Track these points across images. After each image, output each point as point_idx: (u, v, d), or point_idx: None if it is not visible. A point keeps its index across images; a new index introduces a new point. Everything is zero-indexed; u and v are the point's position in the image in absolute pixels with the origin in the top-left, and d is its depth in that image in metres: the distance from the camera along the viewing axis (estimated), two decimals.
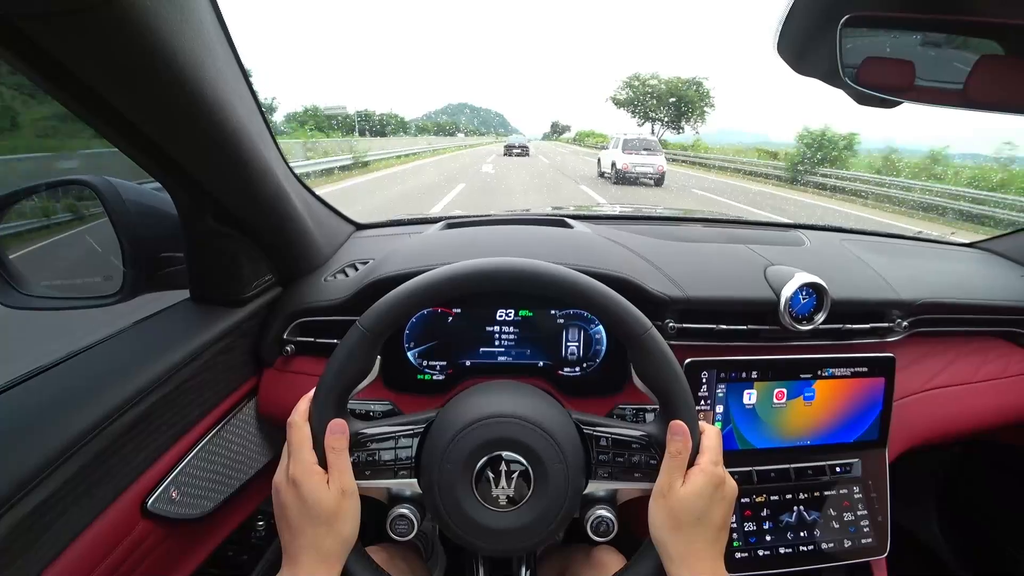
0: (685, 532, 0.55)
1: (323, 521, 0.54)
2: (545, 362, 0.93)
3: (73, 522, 0.59)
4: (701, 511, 0.55)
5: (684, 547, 0.55)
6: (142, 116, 0.53)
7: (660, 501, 0.56)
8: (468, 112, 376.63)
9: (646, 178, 15.05)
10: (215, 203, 0.70)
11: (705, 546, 0.55)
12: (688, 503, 0.55)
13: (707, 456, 0.58)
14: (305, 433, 0.57)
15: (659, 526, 0.56)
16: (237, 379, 0.86)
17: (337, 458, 0.56)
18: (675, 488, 0.56)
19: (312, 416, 0.58)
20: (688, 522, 0.55)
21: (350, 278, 0.93)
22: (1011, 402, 1.05)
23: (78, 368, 0.68)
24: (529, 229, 1.08)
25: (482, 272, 0.58)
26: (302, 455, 0.56)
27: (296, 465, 0.56)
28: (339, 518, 0.55)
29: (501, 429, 0.58)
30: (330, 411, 0.57)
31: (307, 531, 0.54)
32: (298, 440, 0.57)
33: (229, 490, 0.84)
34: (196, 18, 0.52)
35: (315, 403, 0.58)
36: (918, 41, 0.76)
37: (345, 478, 0.56)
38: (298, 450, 0.56)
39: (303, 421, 0.58)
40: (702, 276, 0.93)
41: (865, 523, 0.94)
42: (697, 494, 0.55)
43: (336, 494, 0.55)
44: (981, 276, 1.16)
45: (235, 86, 0.62)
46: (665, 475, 0.57)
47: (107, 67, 0.46)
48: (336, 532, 0.55)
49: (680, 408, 0.58)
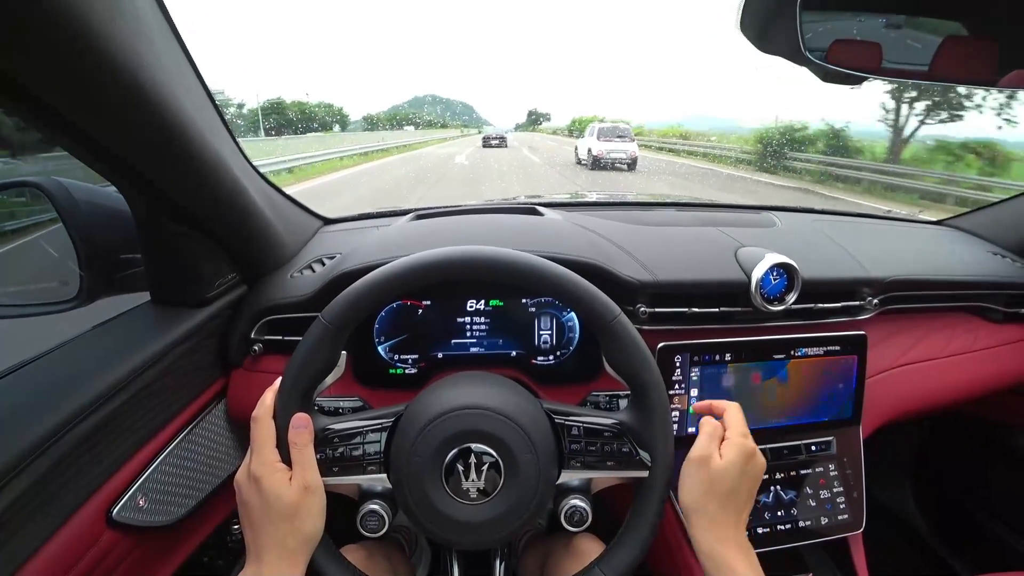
0: (717, 499, 0.57)
1: (285, 518, 0.53)
2: (518, 352, 0.92)
3: (32, 535, 0.57)
4: (735, 483, 0.58)
5: (715, 511, 0.57)
6: (79, 112, 0.51)
7: (700, 467, 0.58)
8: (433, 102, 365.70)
9: (620, 163, 15.65)
10: (169, 201, 0.67)
11: (732, 517, 0.58)
12: (724, 473, 0.57)
13: (736, 429, 0.61)
14: (268, 428, 0.56)
15: (693, 491, 0.58)
16: (204, 381, 0.84)
17: (300, 453, 0.55)
18: (714, 458, 0.58)
19: (276, 411, 0.56)
20: (723, 491, 0.57)
21: (317, 273, 0.91)
22: (978, 375, 1.07)
23: (31, 376, 0.65)
24: (498, 217, 1.07)
25: (445, 261, 0.58)
26: (264, 452, 0.55)
27: (257, 461, 0.55)
28: (300, 515, 0.54)
29: (469, 421, 0.57)
30: (294, 406, 0.56)
31: (269, 528, 0.53)
32: (261, 436, 0.56)
33: (200, 495, 0.82)
34: (132, 6, 0.50)
35: (279, 398, 0.57)
36: (882, 24, 0.76)
37: (308, 474, 0.55)
38: (260, 446, 0.55)
39: (266, 416, 0.57)
40: (673, 259, 0.93)
41: (841, 500, 0.95)
42: (732, 464, 0.58)
43: (298, 490, 0.54)
44: (949, 252, 1.18)
45: (180, 77, 0.60)
46: (702, 446, 0.59)
47: (34, 60, 0.43)
48: (297, 528, 0.54)
49: (651, 394, 0.58)
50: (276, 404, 0.57)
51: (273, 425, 0.56)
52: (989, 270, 1.11)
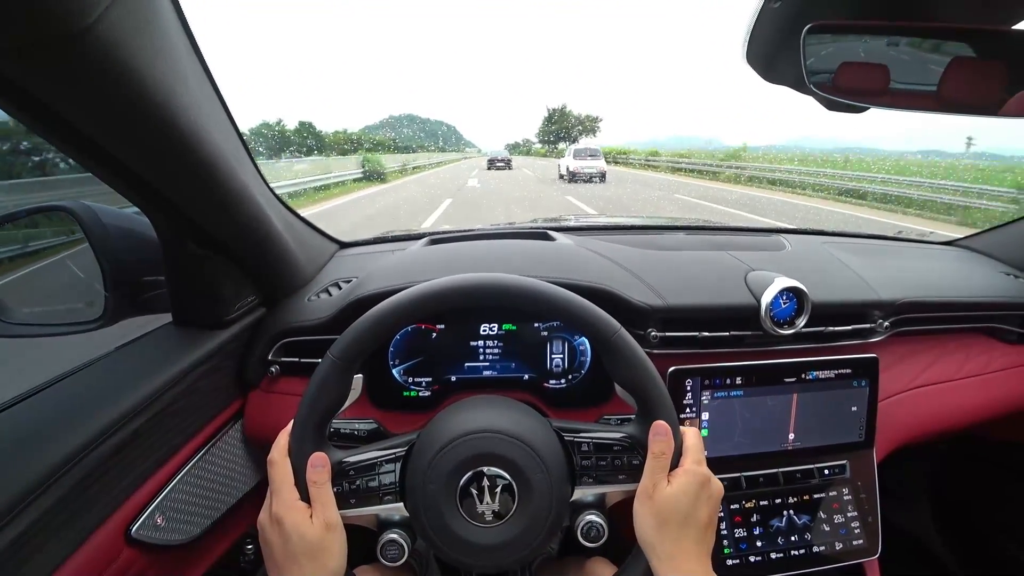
0: (672, 532, 0.55)
1: (309, 557, 0.54)
2: (530, 375, 0.93)
3: (55, 552, 0.58)
4: (687, 511, 0.55)
5: (671, 547, 0.55)
6: (115, 144, 0.53)
7: (646, 502, 0.56)
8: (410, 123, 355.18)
9: (593, 177, 20.28)
10: (194, 226, 0.70)
11: (692, 545, 0.55)
12: (674, 503, 0.55)
13: (690, 456, 0.59)
14: (286, 470, 0.57)
15: (645, 527, 0.56)
16: (222, 401, 0.86)
17: (319, 492, 0.56)
18: (660, 488, 0.56)
19: (291, 451, 0.57)
20: (675, 522, 0.55)
21: (333, 297, 0.93)
22: (995, 397, 1.06)
23: (58, 395, 0.67)
24: (511, 243, 1.09)
25: (449, 289, 0.59)
26: (283, 492, 0.56)
27: (278, 503, 0.56)
28: (324, 552, 0.54)
29: (479, 445, 0.58)
30: (309, 445, 0.57)
31: (293, 568, 0.54)
32: (279, 477, 0.57)
33: (216, 514, 0.83)
34: (169, 46, 0.52)
35: (293, 438, 0.58)
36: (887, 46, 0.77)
37: (329, 511, 0.56)
38: (279, 487, 0.56)
39: (283, 458, 0.58)
40: (683, 284, 0.93)
41: (856, 524, 0.94)
42: (683, 493, 0.56)
43: (320, 528, 0.55)
44: (961, 274, 1.17)
45: (211, 111, 0.62)
46: (649, 476, 0.57)
47: (78, 97, 0.46)
48: (322, 566, 0.54)
49: (657, 407, 0.59)
50: (291, 443, 0.58)
51: (289, 465, 0.57)
52: (1002, 291, 1.10)
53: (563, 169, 22.17)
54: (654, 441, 0.57)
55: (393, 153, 42.41)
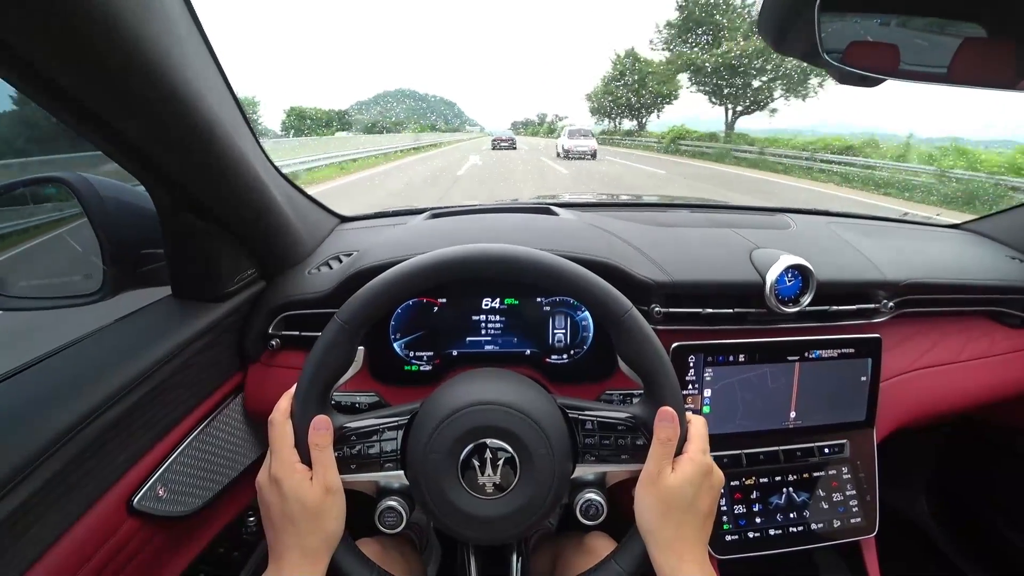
0: (674, 519, 0.55)
1: (307, 519, 0.54)
2: (532, 350, 0.93)
3: (56, 522, 0.59)
4: (690, 499, 0.55)
5: (672, 533, 0.55)
6: (108, 108, 0.52)
7: (649, 488, 0.56)
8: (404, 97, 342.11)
9: (584, 155, 22.41)
10: (193, 197, 0.69)
11: (692, 533, 0.56)
12: (677, 491, 0.55)
13: (695, 444, 0.58)
14: (287, 431, 0.57)
15: (647, 513, 0.56)
16: (222, 375, 0.85)
17: (321, 455, 0.56)
18: (664, 475, 0.55)
19: (294, 413, 0.57)
20: (678, 510, 0.55)
21: (334, 270, 0.92)
22: (996, 380, 1.06)
23: (58, 366, 0.67)
24: (514, 217, 1.08)
25: (460, 259, 0.58)
26: (283, 453, 0.56)
27: (278, 463, 0.55)
28: (323, 515, 0.54)
29: (484, 416, 0.57)
30: (312, 407, 0.57)
31: (290, 529, 0.54)
32: (280, 438, 0.56)
33: (218, 487, 0.83)
34: (163, 7, 0.51)
35: (296, 400, 0.57)
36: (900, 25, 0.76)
37: (329, 475, 0.55)
38: (280, 448, 0.56)
39: (284, 419, 0.57)
40: (687, 260, 0.93)
41: (854, 503, 0.94)
42: (687, 481, 0.55)
43: (320, 491, 0.54)
44: (966, 256, 1.17)
45: (207, 77, 0.61)
46: (654, 462, 0.56)
47: (70, 56, 0.45)
48: (320, 529, 0.54)
49: (664, 388, 0.58)
50: (294, 405, 0.57)
51: (290, 427, 0.57)
52: (1007, 275, 1.10)
53: (559, 148, 24.41)
54: (660, 427, 0.56)
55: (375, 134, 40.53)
